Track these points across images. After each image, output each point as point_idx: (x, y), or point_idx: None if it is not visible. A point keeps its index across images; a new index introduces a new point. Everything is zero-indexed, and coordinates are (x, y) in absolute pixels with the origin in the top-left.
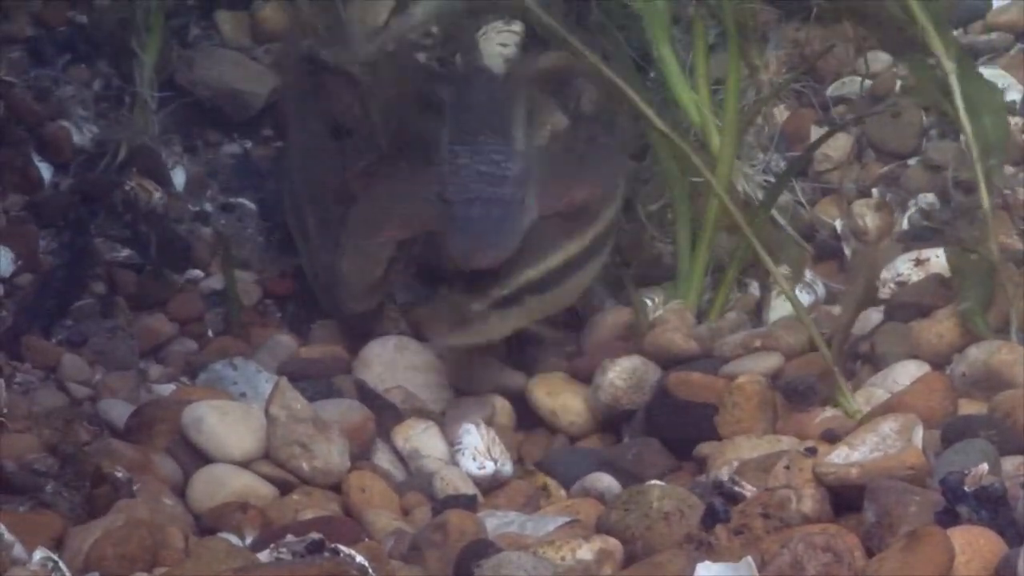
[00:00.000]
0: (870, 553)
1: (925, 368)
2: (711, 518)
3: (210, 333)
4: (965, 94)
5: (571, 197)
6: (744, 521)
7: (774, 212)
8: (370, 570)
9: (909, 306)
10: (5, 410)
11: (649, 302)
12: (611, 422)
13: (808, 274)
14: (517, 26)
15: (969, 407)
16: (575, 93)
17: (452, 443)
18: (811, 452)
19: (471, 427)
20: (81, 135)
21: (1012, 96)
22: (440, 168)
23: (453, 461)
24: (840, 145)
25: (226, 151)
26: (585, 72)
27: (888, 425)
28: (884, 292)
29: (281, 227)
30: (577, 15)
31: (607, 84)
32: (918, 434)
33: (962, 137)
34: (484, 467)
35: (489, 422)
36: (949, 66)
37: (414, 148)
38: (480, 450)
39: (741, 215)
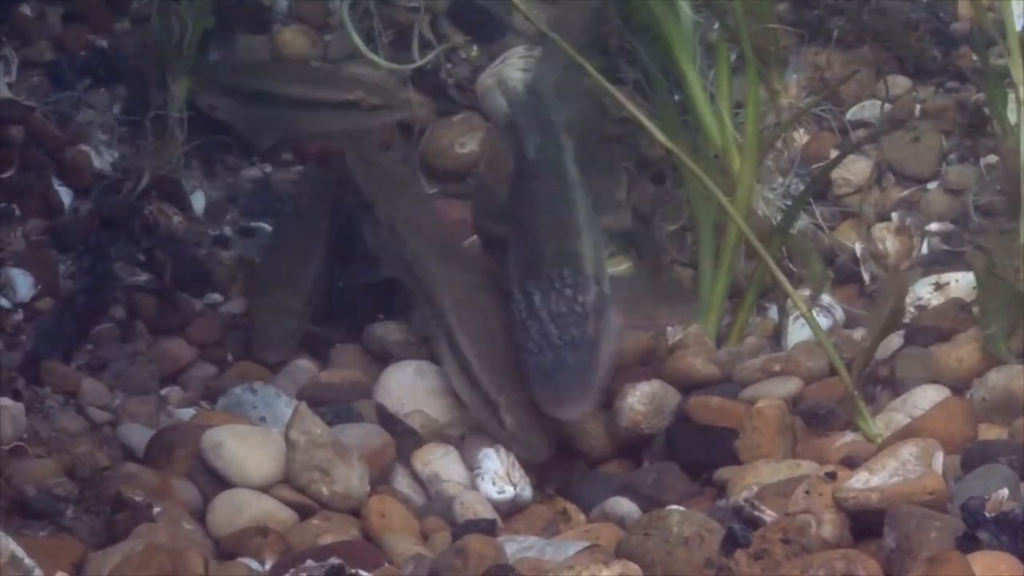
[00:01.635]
0: None
1: (945, 393)
2: (731, 543)
3: (230, 357)
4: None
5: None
6: (764, 546)
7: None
8: None
9: (929, 330)
10: (24, 435)
11: (669, 329)
12: (631, 447)
13: (826, 298)
14: (538, 51)
15: (989, 432)
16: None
17: (472, 467)
18: (831, 477)
19: (491, 451)
20: (101, 160)
21: None
22: (514, 310)
23: (473, 485)
24: (859, 169)
25: (246, 175)
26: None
27: (908, 450)
28: (904, 317)
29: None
30: (599, 39)
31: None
32: (938, 459)
33: (982, 161)
34: (504, 491)
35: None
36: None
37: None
38: (500, 475)
39: (759, 237)
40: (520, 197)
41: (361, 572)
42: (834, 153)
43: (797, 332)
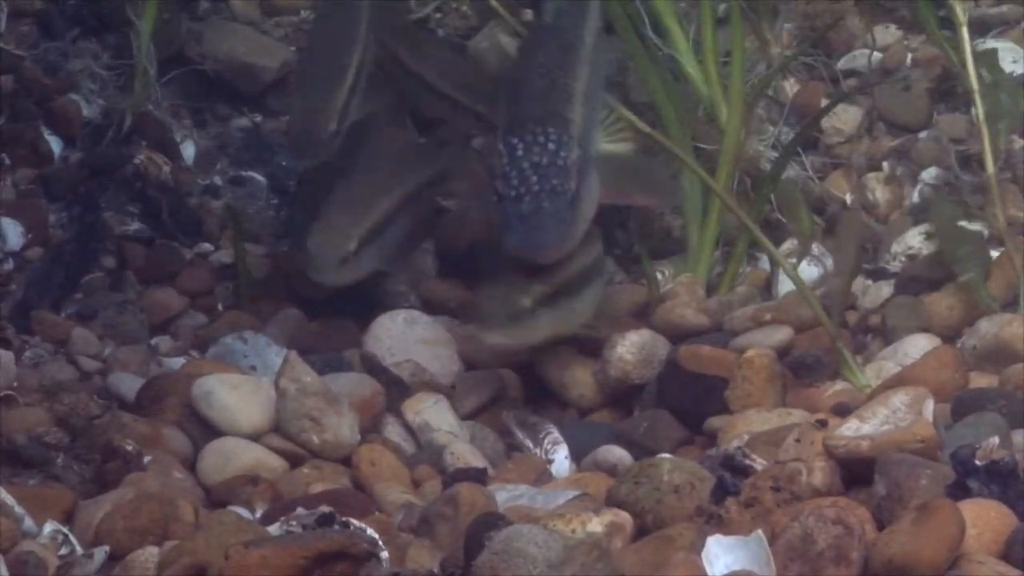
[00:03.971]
0: (880, 526)
1: (936, 341)
2: (721, 491)
3: (220, 307)
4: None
5: (633, 196)
6: (754, 494)
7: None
8: (380, 543)
9: (919, 279)
10: (15, 383)
11: (659, 276)
12: (620, 396)
13: (817, 248)
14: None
15: (980, 380)
16: None
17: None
18: (821, 425)
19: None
20: (90, 108)
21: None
22: (495, 160)
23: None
24: (850, 118)
25: (236, 125)
26: None
27: (899, 398)
28: (894, 265)
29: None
30: None
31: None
32: (929, 407)
33: (973, 110)
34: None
35: (499, 396)
36: (965, 35)
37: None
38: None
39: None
40: (523, 57)
41: (351, 520)
42: (825, 103)
43: (788, 281)
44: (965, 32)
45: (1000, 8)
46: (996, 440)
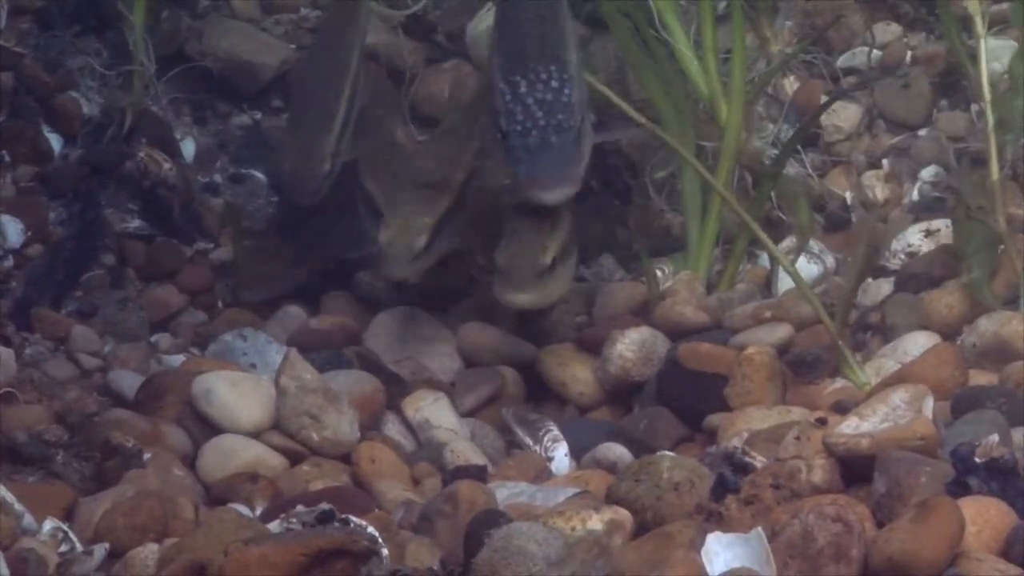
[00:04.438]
0: (880, 524)
1: (935, 339)
2: (721, 489)
3: (220, 304)
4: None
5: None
6: (754, 492)
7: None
8: (380, 541)
9: (919, 277)
10: (15, 381)
11: (659, 273)
12: (620, 394)
13: (817, 245)
14: None
15: (979, 378)
16: None
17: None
18: (821, 423)
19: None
20: (91, 106)
21: None
22: (497, 99)
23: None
24: (850, 116)
25: (236, 122)
26: None
27: (898, 396)
28: (894, 263)
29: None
30: None
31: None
32: (928, 405)
33: (973, 107)
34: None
35: (498, 393)
36: (980, 31)
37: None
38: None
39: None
40: (512, 8)
41: (351, 517)
42: (825, 101)
43: (788, 279)
44: (983, 44)
45: (1000, 6)
46: (996, 438)
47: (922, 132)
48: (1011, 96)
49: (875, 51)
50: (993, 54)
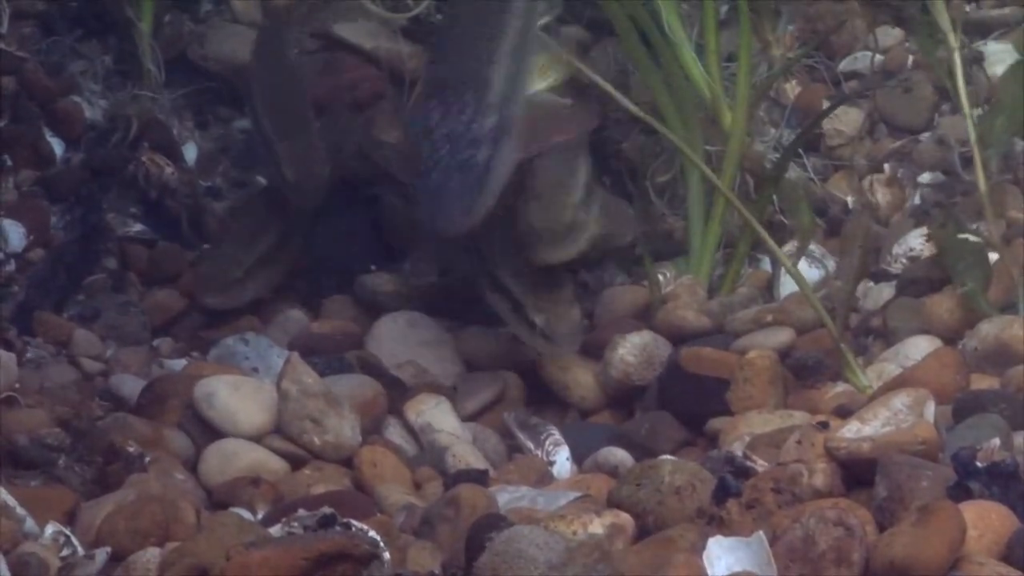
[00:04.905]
0: (882, 528)
1: (937, 343)
2: (723, 492)
3: None
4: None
5: (551, 138)
6: (756, 496)
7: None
8: (382, 544)
9: (920, 281)
10: (17, 385)
11: (660, 277)
12: (622, 398)
13: (818, 249)
14: None
15: (981, 382)
16: None
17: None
18: (823, 427)
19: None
20: (93, 110)
21: None
22: (410, 128)
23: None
24: (852, 120)
25: (237, 127)
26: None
27: (900, 400)
28: (895, 267)
29: None
30: None
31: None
32: (930, 409)
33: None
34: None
35: (500, 397)
36: (953, 43)
37: None
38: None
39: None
40: (450, 15)
41: (353, 521)
42: (827, 105)
43: (790, 282)
44: (958, 58)
45: (1001, 11)
46: (997, 442)
47: (924, 136)
48: (992, 114)
49: (877, 55)
50: (996, 58)
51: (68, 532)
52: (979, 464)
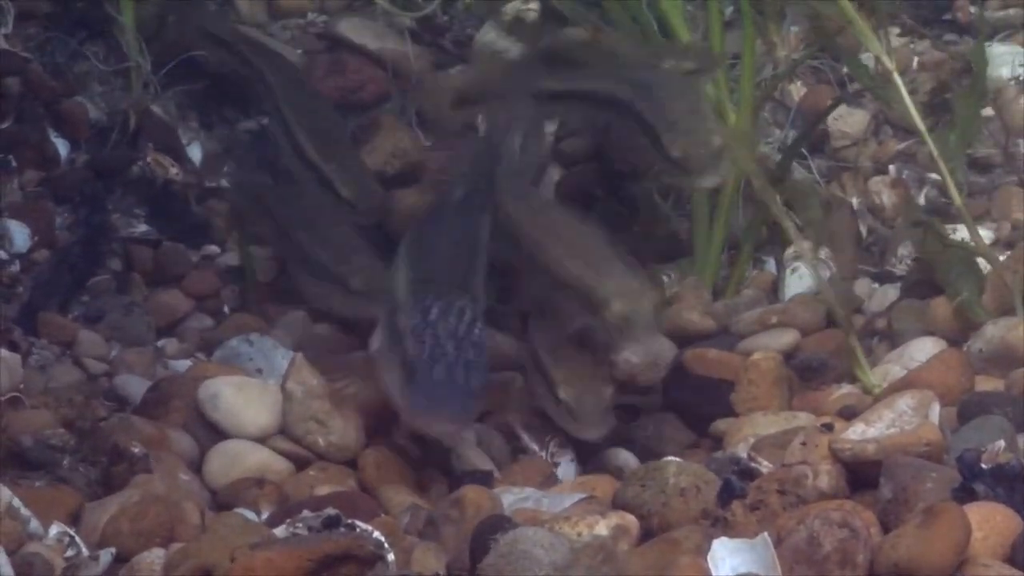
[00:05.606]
0: (886, 529)
1: (941, 345)
2: (727, 494)
3: (226, 309)
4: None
5: None
6: (760, 497)
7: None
8: (386, 546)
9: (925, 283)
10: (21, 385)
11: (665, 279)
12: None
13: (823, 251)
14: (534, 3)
15: (986, 384)
16: None
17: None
18: (827, 428)
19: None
20: (98, 110)
21: None
22: (402, 318)
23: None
24: (857, 121)
25: (242, 127)
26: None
27: (905, 401)
28: (900, 268)
29: None
30: None
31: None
32: (935, 411)
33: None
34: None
35: (506, 398)
36: (888, 66)
37: None
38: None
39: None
40: (435, 215)
41: (357, 522)
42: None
43: (794, 284)
44: (898, 79)
45: (1006, 11)
46: (1002, 443)
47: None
48: (945, 131)
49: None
50: (1002, 60)
51: (72, 533)
52: (984, 466)
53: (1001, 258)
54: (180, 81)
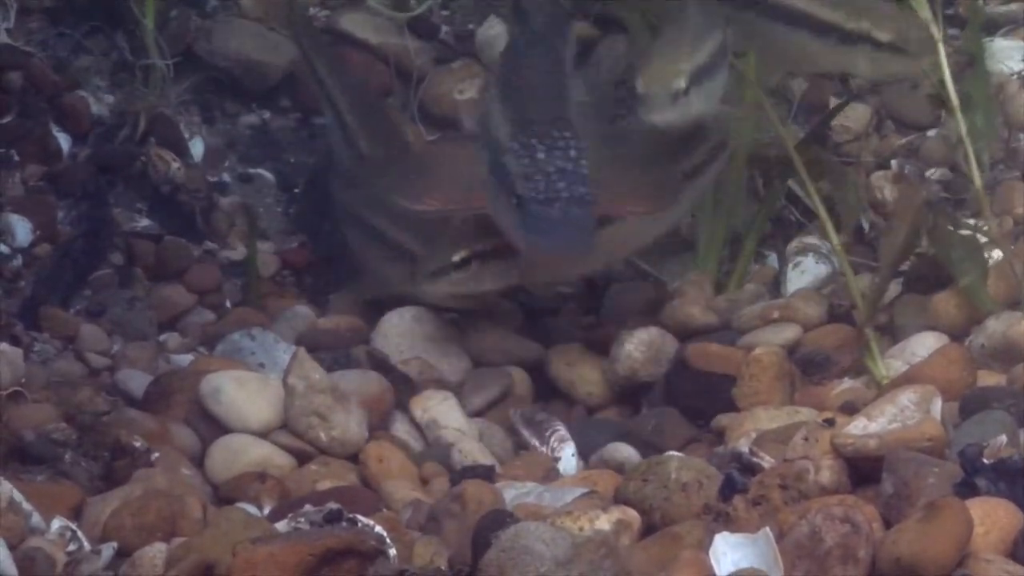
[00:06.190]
0: (888, 524)
1: (944, 340)
2: (729, 489)
3: (228, 304)
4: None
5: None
6: (762, 492)
7: None
8: (388, 540)
9: (927, 277)
10: (23, 380)
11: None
12: (628, 394)
13: (825, 245)
14: None
15: (988, 379)
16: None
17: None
18: (829, 423)
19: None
20: (99, 105)
21: None
22: (510, 160)
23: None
24: (859, 116)
25: (244, 122)
26: None
27: (907, 396)
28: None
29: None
30: None
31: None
32: (937, 405)
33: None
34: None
35: (507, 393)
36: (936, 35)
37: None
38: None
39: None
40: (521, 59)
41: (359, 517)
42: (834, 101)
43: (796, 279)
44: (942, 48)
45: (1008, 6)
46: (1004, 438)
47: (931, 133)
48: (970, 112)
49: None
50: (1004, 54)
51: (74, 527)
52: (986, 461)
53: None
54: (183, 75)
